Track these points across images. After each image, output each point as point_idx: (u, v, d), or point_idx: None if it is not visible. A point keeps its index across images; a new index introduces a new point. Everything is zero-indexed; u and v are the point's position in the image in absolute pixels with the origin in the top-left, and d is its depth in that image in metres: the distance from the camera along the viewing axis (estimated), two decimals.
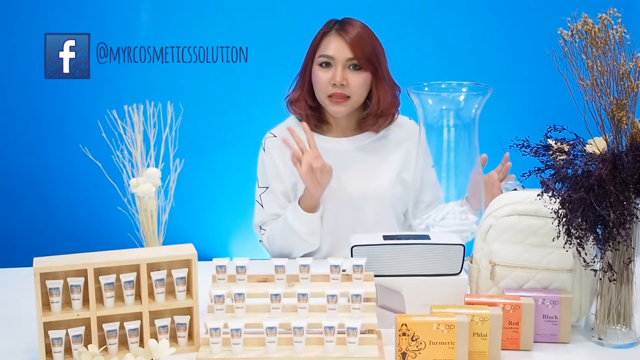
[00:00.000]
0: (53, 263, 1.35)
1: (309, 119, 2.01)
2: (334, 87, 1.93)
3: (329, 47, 1.94)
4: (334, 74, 1.93)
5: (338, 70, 1.92)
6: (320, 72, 1.95)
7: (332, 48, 1.93)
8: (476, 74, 3.16)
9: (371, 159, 2.03)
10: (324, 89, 1.95)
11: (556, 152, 1.38)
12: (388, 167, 2.02)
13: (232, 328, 1.31)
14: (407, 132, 2.06)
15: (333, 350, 1.31)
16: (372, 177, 2.00)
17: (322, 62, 1.95)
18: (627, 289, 1.42)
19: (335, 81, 1.92)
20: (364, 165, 2.02)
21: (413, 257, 1.47)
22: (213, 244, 3.19)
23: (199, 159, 2.95)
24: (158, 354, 1.29)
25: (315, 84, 1.97)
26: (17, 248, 3.04)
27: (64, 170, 3.13)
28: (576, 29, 1.34)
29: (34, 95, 3.10)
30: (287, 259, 1.44)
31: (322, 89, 1.95)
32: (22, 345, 1.44)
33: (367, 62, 1.93)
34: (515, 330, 1.40)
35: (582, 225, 1.34)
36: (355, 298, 1.35)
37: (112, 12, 3.07)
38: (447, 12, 3.14)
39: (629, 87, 1.33)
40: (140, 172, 1.64)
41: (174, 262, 1.41)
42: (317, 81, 1.96)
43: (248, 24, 3.08)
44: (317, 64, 1.96)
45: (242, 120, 3.12)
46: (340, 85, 1.92)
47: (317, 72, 1.95)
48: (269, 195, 2.03)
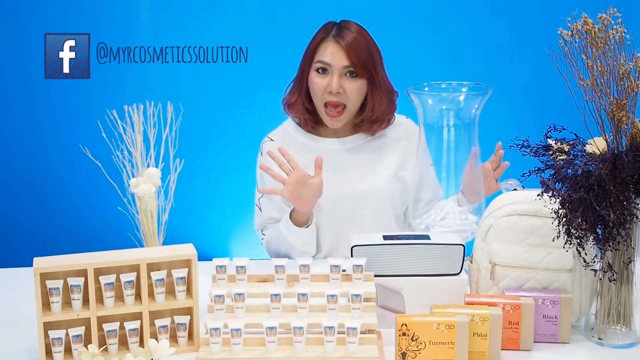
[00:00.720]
0: (53, 263, 1.35)
1: (307, 122, 2.02)
2: (330, 94, 1.93)
3: (325, 53, 1.93)
4: (330, 81, 1.92)
5: (334, 78, 1.92)
6: (317, 78, 1.94)
7: (328, 55, 1.92)
8: (476, 74, 3.16)
9: (368, 158, 2.03)
10: (320, 96, 1.95)
11: (556, 152, 1.38)
12: (386, 165, 2.02)
13: (232, 328, 1.31)
14: (405, 131, 2.06)
15: (333, 350, 1.31)
16: (369, 176, 2.00)
17: (319, 67, 1.94)
18: (627, 289, 1.42)
19: (332, 89, 1.91)
20: (362, 165, 2.02)
21: (413, 257, 1.47)
22: (213, 244, 3.19)
23: (199, 159, 2.95)
24: (158, 354, 1.29)
25: (312, 90, 1.97)
26: (17, 248, 3.04)
27: (64, 170, 3.12)
28: (576, 29, 1.34)
29: (34, 95, 3.10)
30: (287, 259, 1.44)
31: (318, 96, 1.95)
32: (22, 345, 1.44)
33: (363, 69, 1.93)
34: (515, 330, 1.40)
35: (582, 225, 1.34)
36: (355, 298, 1.35)
37: (112, 12, 3.07)
38: (447, 12, 3.14)
39: (629, 87, 1.33)
40: (140, 172, 1.64)
41: (174, 262, 1.42)
42: (313, 87, 1.95)
43: (248, 24, 3.08)
44: (314, 69, 1.95)
45: (242, 121, 3.11)
46: (337, 93, 1.92)
47: (314, 78, 1.95)
48: (267, 199, 2.03)
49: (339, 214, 1.99)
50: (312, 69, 1.95)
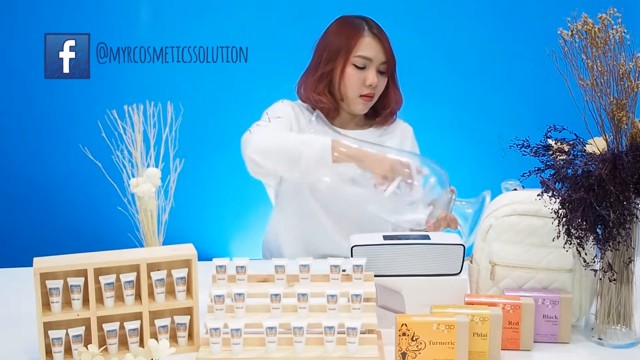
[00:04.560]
0: (53, 263, 1.35)
1: (330, 111, 2.06)
2: (368, 87, 1.99)
3: (366, 48, 1.98)
4: (367, 75, 1.99)
5: (373, 71, 1.99)
6: (355, 71, 1.99)
7: (370, 50, 1.98)
8: (476, 74, 3.17)
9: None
10: (357, 89, 2.00)
11: (556, 152, 1.38)
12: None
13: (232, 328, 1.31)
14: (401, 129, 2.15)
15: (333, 350, 1.31)
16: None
17: (358, 62, 1.99)
18: (627, 289, 1.42)
19: (371, 82, 1.98)
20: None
21: (413, 257, 1.47)
22: (213, 244, 3.19)
23: (199, 159, 2.95)
24: (158, 354, 1.29)
25: (347, 83, 2.00)
26: (17, 248, 3.04)
27: (64, 170, 3.12)
28: (576, 29, 1.34)
29: (34, 95, 3.10)
30: (287, 259, 1.44)
31: (355, 89, 2.00)
32: (22, 345, 1.44)
33: (392, 65, 2.03)
34: (515, 330, 1.40)
35: (582, 225, 1.34)
36: (355, 298, 1.35)
37: (112, 12, 3.07)
38: (447, 12, 3.14)
39: (629, 87, 1.33)
40: (140, 172, 1.64)
41: (174, 262, 1.41)
42: (350, 81, 2.00)
43: (248, 24, 3.08)
44: (351, 63, 1.99)
45: (242, 121, 3.11)
46: (375, 86, 2.00)
47: (351, 72, 1.99)
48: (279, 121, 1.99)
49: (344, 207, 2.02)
50: (348, 63, 1.99)
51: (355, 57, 1.98)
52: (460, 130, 3.15)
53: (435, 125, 2.98)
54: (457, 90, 3.16)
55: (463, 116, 3.17)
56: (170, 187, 1.66)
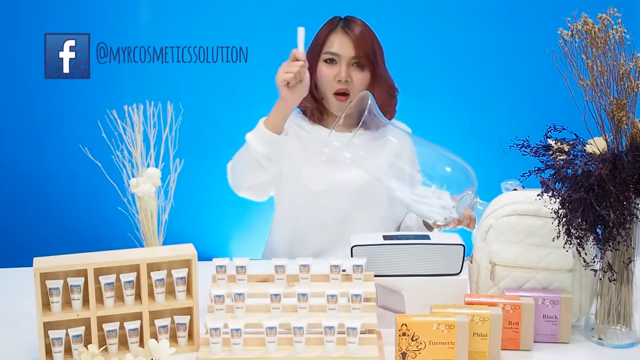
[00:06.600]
0: (53, 263, 1.35)
1: (312, 112, 2.08)
2: (339, 83, 2.00)
3: (334, 44, 2.00)
4: (338, 70, 1.99)
5: (343, 67, 1.99)
6: (325, 68, 2.01)
7: (337, 45, 2.00)
8: (476, 74, 3.16)
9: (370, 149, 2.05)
10: (328, 85, 2.01)
11: (556, 152, 1.38)
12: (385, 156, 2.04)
13: (232, 328, 1.31)
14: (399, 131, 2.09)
15: (333, 350, 1.31)
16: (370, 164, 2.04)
17: (327, 58, 2.01)
18: (627, 289, 1.42)
19: (340, 77, 1.99)
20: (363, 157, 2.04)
21: (413, 257, 1.47)
22: (213, 244, 3.19)
23: (199, 159, 2.94)
24: (158, 354, 1.29)
25: (320, 80, 2.03)
26: (17, 248, 3.04)
27: (64, 170, 3.12)
28: (576, 29, 1.34)
29: (34, 95, 3.10)
30: (287, 259, 1.44)
31: (327, 85, 2.02)
32: (22, 345, 1.44)
33: (368, 60, 2.01)
34: (515, 330, 1.40)
35: (582, 225, 1.34)
36: (355, 298, 1.35)
37: (112, 12, 3.07)
38: (447, 12, 3.14)
39: (629, 87, 1.33)
40: (140, 172, 1.64)
41: (174, 262, 1.42)
42: (322, 77, 2.02)
43: (248, 24, 3.08)
44: (322, 60, 2.01)
45: (242, 121, 3.11)
46: (345, 81, 1.99)
47: (322, 69, 2.01)
48: None
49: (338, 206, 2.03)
50: (320, 60, 2.02)
51: (324, 53, 2.01)
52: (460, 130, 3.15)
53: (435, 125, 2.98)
54: (457, 90, 3.16)
55: (463, 116, 3.17)
56: (170, 187, 1.66)
